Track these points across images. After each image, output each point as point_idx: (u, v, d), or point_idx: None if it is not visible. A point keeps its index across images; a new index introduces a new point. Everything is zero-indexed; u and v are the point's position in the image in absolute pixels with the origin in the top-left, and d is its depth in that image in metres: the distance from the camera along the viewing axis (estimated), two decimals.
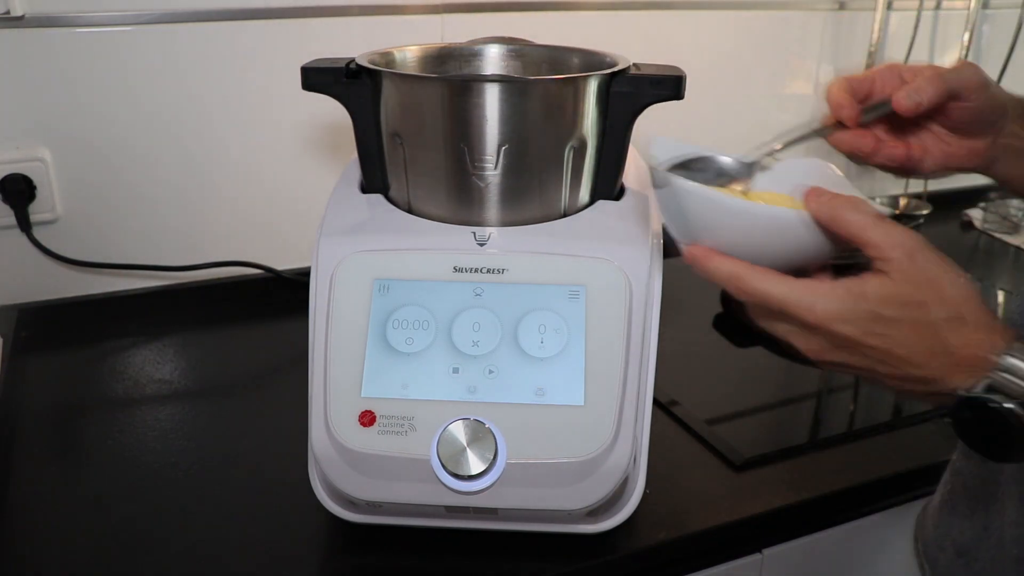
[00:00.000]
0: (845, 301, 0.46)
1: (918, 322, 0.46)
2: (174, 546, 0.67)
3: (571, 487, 0.60)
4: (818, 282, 0.47)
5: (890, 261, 0.45)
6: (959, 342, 0.46)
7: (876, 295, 0.46)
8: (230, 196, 1.06)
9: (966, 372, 0.46)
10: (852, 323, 0.46)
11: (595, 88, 0.64)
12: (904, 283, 0.45)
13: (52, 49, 0.93)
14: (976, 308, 0.46)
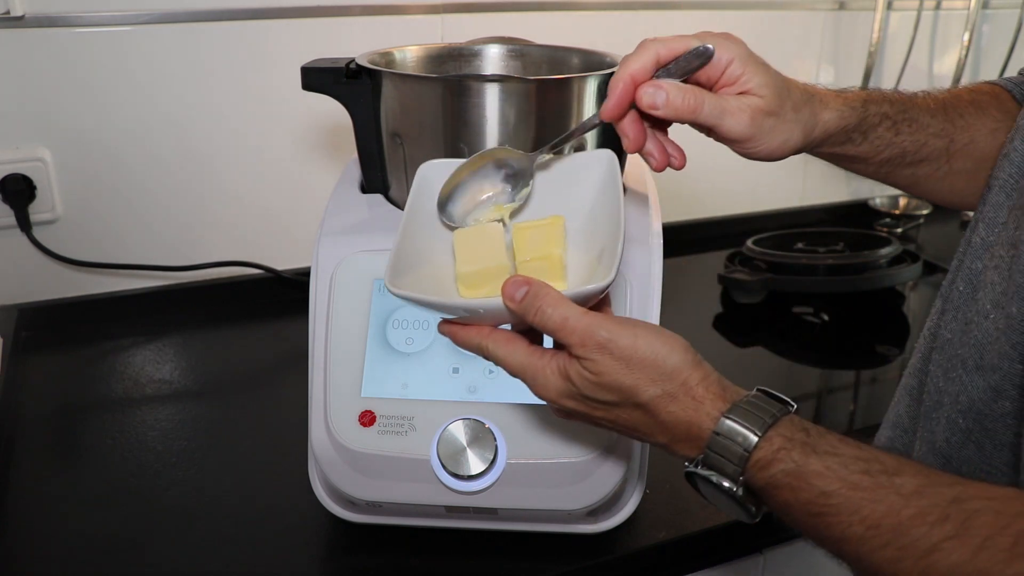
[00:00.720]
0: (559, 382, 0.47)
1: (628, 404, 0.46)
2: (174, 546, 0.67)
3: (571, 487, 0.60)
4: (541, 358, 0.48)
5: (587, 359, 0.46)
6: (671, 419, 0.46)
7: (583, 385, 0.46)
8: (230, 196, 1.06)
9: (686, 446, 0.47)
10: (573, 400, 0.47)
11: (595, 88, 0.64)
12: (606, 373, 0.46)
13: (52, 49, 0.93)
14: (687, 380, 0.46)
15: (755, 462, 0.44)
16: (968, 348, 0.53)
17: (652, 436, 0.48)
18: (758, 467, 0.44)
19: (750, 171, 1.38)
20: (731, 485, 0.45)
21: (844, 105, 0.57)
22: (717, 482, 0.45)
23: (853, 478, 0.42)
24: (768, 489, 0.44)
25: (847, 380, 0.99)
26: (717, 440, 0.45)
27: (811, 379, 1.00)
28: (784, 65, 0.56)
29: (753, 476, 0.44)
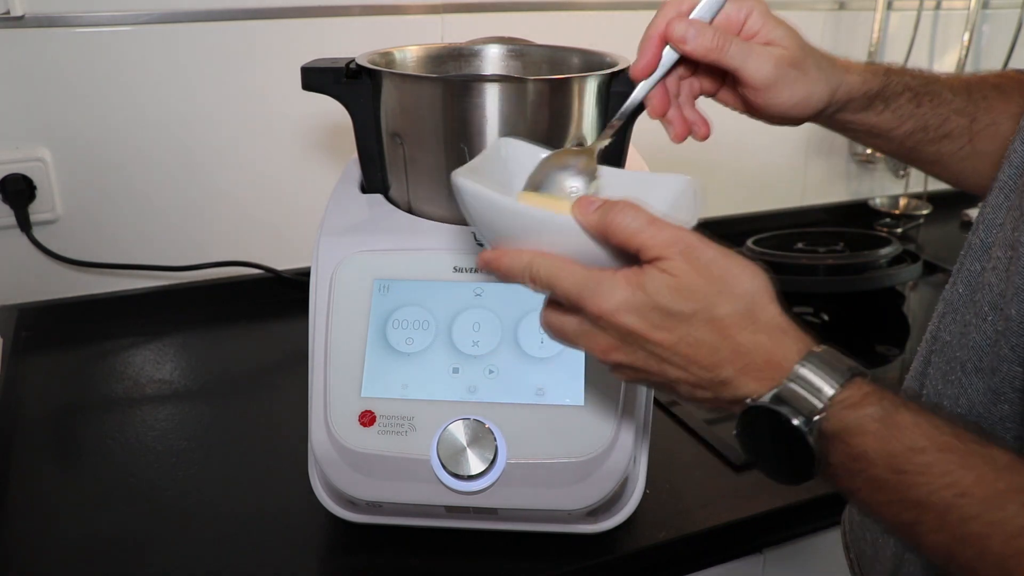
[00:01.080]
0: (626, 290, 0.42)
1: (704, 316, 0.42)
2: (174, 546, 0.67)
3: (571, 487, 0.60)
4: (603, 272, 0.43)
5: (667, 259, 0.42)
6: (749, 342, 0.42)
7: (656, 289, 0.41)
8: (230, 196, 1.06)
9: (756, 377, 0.42)
10: (635, 314, 0.42)
11: (595, 88, 0.64)
12: (686, 276, 0.41)
13: (52, 49, 0.93)
14: (770, 306, 0.42)
15: (842, 399, 0.40)
16: (967, 351, 0.53)
17: (714, 368, 0.42)
18: (844, 406, 0.40)
19: (750, 171, 1.38)
20: (802, 423, 0.40)
21: (866, 71, 0.58)
22: (787, 418, 0.40)
23: (944, 439, 0.38)
24: (846, 434, 0.40)
25: None
26: (802, 372, 0.41)
27: None
28: None
29: (835, 416, 0.40)
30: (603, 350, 0.44)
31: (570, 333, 0.46)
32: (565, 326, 0.46)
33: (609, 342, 0.44)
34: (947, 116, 0.61)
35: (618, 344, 0.44)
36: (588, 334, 0.44)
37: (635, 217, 0.42)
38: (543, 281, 0.44)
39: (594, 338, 0.44)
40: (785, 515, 0.74)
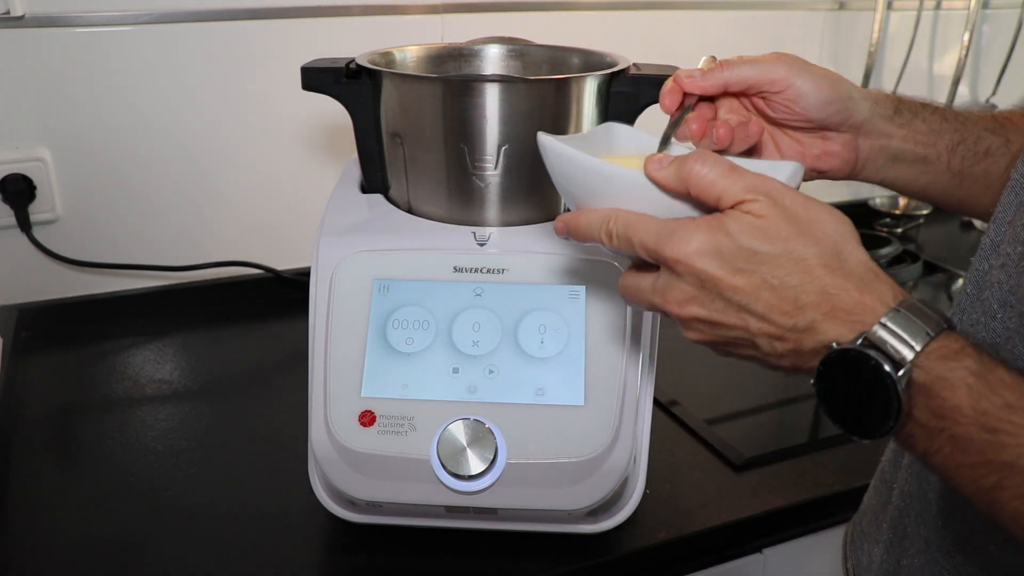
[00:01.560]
0: (706, 233, 0.41)
1: (789, 257, 0.40)
2: (174, 546, 0.67)
3: (571, 487, 0.60)
4: (681, 220, 0.42)
5: (752, 203, 0.40)
6: (837, 285, 0.40)
7: (739, 229, 0.40)
8: (230, 196, 1.06)
9: (844, 321, 0.39)
10: (715, 257, 0.41)
11: (595, 88, 0.64)
12: (772, 218, 0.40)
13: (52, 49, 0.93)
14: (857, 251, 0.41)
15: (935, 350, 0.38)
16: None
17: (797, 312, 0.40)
18: (937, 356, 0.38)
19: None
20: (892, 370, 0.38)
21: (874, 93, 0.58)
22: (878, 364, 0.38)
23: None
24: (937, 387, 0.38)
25: None
26: (893, 317, 0.39)
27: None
28: None
29: (927, 366, 0.38)
30: (679, 302, 0.43)
31: (646, 290, 0.45)
32: (641, 283, 0.45)
33: (686, 292, 0.42)
34: (979, 134, 0.59)
35: (695, 293, 0.42)
36: (664, 287, 0.43)
37: (714, 165, 0.41)
38: (620, 234, 0.43)
39: (670, 291, 0.43)
40: (785, 515, 0.74)
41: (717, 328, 0.43)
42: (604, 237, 0.44)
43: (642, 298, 0.45)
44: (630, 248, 0.44)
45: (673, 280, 0.43)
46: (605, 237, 0.44)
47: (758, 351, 0.43)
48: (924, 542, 0.56)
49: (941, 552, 0.54)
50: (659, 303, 0.44)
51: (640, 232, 0.43)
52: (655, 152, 0.50)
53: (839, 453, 0.81)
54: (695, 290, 0.42)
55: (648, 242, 0.42)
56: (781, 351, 0.42)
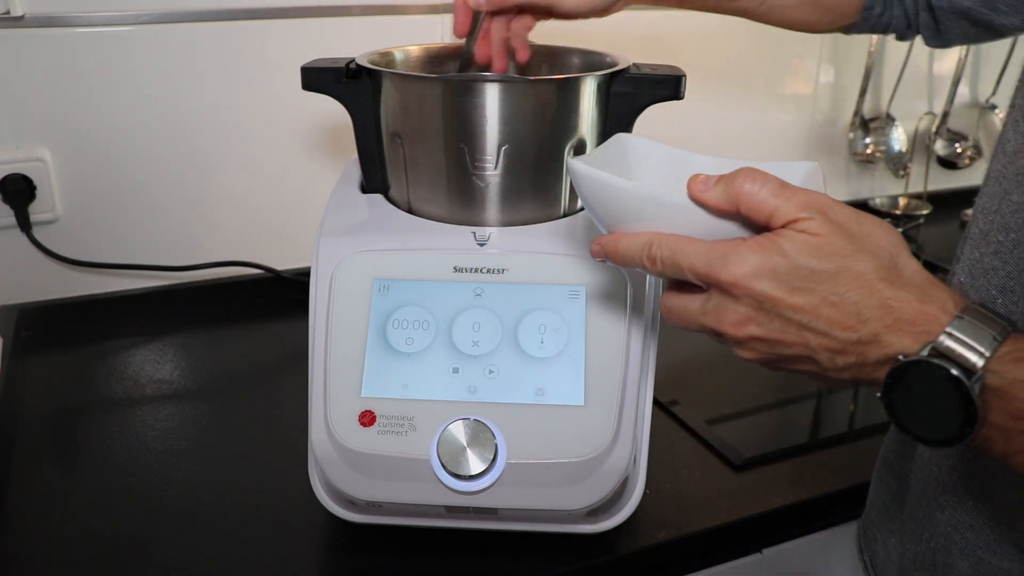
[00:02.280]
0: (760, 255, 0.40)
1: (847, 273, 0.40)
2: (174, 546, 0.67)
3: (571, 487, 0.60)
4: (729, 243, 0.42)
5: (805, 220, 0.40)
6: (897, 297, 0.40)
7: (794, 248, 0.40)
8: (230, 196, 1.06)
9: (908, 332, 0.40)
10: (772, 278, 0.40)
11: (595, 88, 0.64)
12: (828, 235, 0.40)
13: (52, 49, 0.93)
14: (911, 261, 0.41)
15: (1009, 352, 0.38)
16: None
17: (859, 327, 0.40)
18: (1009, 359, 0.38)
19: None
20: (965, 377, 0.38)
21: None
22: (949, 372, 0.38)
23: None
24: (1012, 389, 0.38)
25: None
26: (959, 325, 0.39)
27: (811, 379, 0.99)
28: (784, 65, 0.56)
29: (1000, 370, 0.38)
30: (735, 324, 0.42)
31: (695, 312, 0.44)
32: (689, 304, 0.44)
33: (742, 313, 0.42)
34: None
35: (752, 315, 0.42)
36: (717, 309, 0.43)
37: (764, 183, 0.41)
38: (666, 259, 0.43)
39: (724, 312, 0.42)
40: (785, 515, 0.74)
41: (775, 346, 0.43)
42: (647, 262, 0.44)
43: (691, 320, 0.45)
44: (678, 272, 0.43)
45: (727, 302, 0.42)
46: (648, 262, 0.44)
47: (818, 366, 0.43)
48: (948, 525, 0.56)
49: (972, 531, 0.55)
50: (711, 325, 0.43)
51: (689, 257, 0.42)
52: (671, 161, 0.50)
53: (839, 453, 0.81)
54: (751, 311, 0.42)
55: (699, 266, 0.42)
56: (843, 364, 0.42)
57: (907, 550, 0.61)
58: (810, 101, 1.39)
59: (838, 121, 1.44)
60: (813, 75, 1.37)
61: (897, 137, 1.45)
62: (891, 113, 1.44)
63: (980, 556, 0.54)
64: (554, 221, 0.67)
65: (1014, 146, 0.52)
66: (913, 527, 0.61)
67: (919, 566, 0.60)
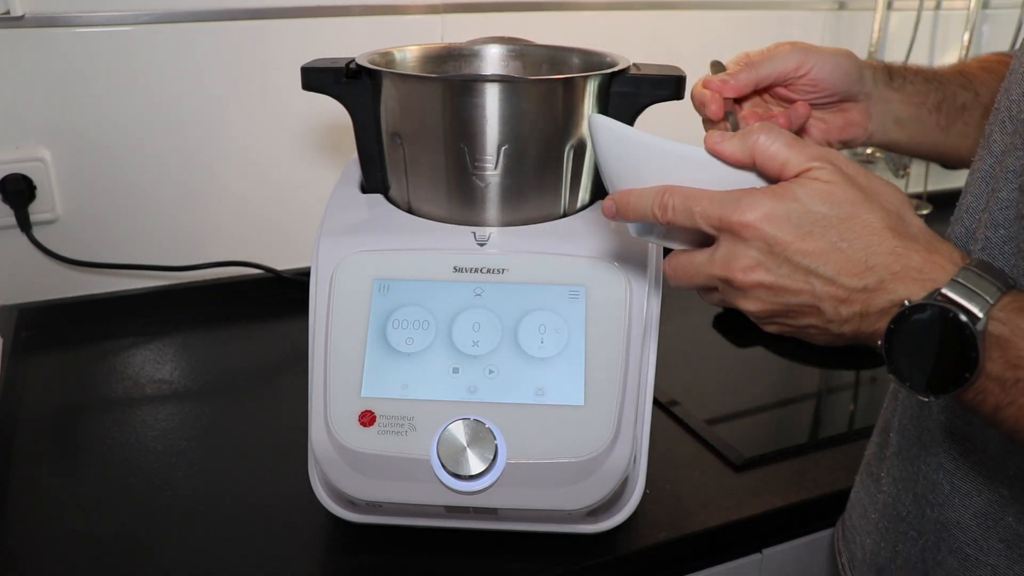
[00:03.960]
0: (773, 199, 0.41)
1: (857, 220, 0.41)
2: (174, 546, 0.67)
3: (571, 487, 0.60)
4: (742, 190, 0.43)
5: (817, 169, 0.42)
6: (905, 246, 0.41)
7: (807, 194, 0.41)
8: (230, 196, 1.06)
9: (915, 280, 0.40)
10: (783, 222, 0.41)
11: (595, 88, 0.64)
12: (839, 184, 0.41)
13: (52, 49, 0.93)
14: (916, 218, 0.43)
15: (1011, 302, 0.39)
16: None
17: (866, 273, 0.41)
18: (1013, 308, 0.39)
19: None
20: (970, 322, 0.39)
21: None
22: (955, 316, 0.39)
23: None
24: (1014, 337, 0.39)
25: (847, 380, 0.99)
26: (964, 274, 0.40)
27: (811, 379, 1.00)
28: None
29: (1003, 318, 0.39)
30: (744, 268, 0.43)
31: (702, 263, 0.45)
32: (695, 257, 0.45)
33: (752, 258, 0.42)
34: (955, 91, 0.64)
35: (761, 259, 0.42)
36: (727, 255, 0.43)
37: (778, 136, 0.42)
38: (678, 206, 0.43)
39: (734, 258, 0.43)
40: (785, 515, 0.74)
41: (781, 294, 0.43)
42: (658, 210, 0.44)
43: (697, 272, 0.45)
44: (689, 219, 0.44)
45: (738, 247, 0.43)
46: (659, 211, 0.44)
47: (821, 317, 0.43)
48: (936, 523, 0.57)
49: (959, 528, 0.56)
50: (719, 272, 0.44)
51: (703, 202, 0.43)
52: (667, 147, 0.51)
53: (839, 453, 0.81)
54: (762, 255, 0.42)
55: (711, 210, 0.43)
56: (846, 315, 0.42)
57: (882, 550, 0.62)
58: None
59: None
60: None
61: None
62: None
63: (967, 552, 0.55)
64: (554, 221, 0.67)
65: (1001, 147, 0.52)
66: (895, 526, 0.61)
67: (904, 565, 0.60)
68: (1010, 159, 0.51)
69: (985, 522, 0.54)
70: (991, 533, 0.54)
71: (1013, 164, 0.51)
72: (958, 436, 0.55)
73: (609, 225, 0.66)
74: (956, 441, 0.55)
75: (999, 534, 0.53)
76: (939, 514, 0.57)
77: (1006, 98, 0.53)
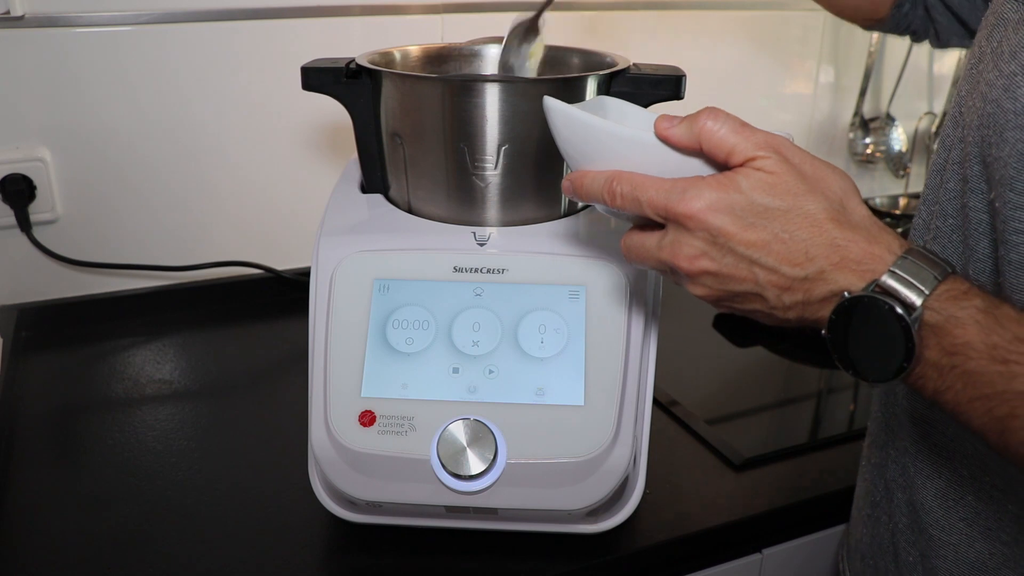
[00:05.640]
0: (718, 190, 0.42)
1: (798, 211, 0.42)
2: (174, 546, 0.67)
3: (571, 487, 0.60)
4: (689, 179, 0.44)
5: (764, 159, 0.42)
6: (845, 237, 0.42)
7: (750, 186, 0.42)
8: (230, 196, 1.06)
9: (853, 271, 0.41)
10: (728, 213, 0.42)
11: (595, 88, 0.64)
12: (782, 174, 0.42)
13: (52, 49, 0.93)
14: (860, 207, 0.43)
15: (947, 291, 0.40)
16: None
17: (807, 263, 0.42)
18: (947, 297, 0.40)
19: None
20: (905, 312, 0.40)
21: None
22: (891, 308, 0.40)
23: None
24: (949, 325, 0.40)
25: (847, 380, 0.99)
26: (902, 264, 0.41)
27: (811, 379, 1.00)
28: (784, 65, 0.56)
29: (938, 307, 0.40)
30: (689, 257, 0.44)
31: (652, 248, 0.46)
32: (646, 241, 0.46)
33: (696, 247, 0.43)
34: None
35: (706, 249, 0.43)
36: (673, 243, 0.44)
37: (725, 121, 0.43)
38: (626, 194, 0.44)
39: (679, 247, 0.44)
40: (784, 515, 0.74)
41: (726, 282, 0.44)
42: (607, 196, 0.45)
43: (648, 255, 0.46)
44: (636, 207, 0.45)
45: (683, 236, 0.44)
46: (608, 196, 0.45)
47: (765, 303, 0.44)
48: (907, 505, 0.59)
49: (924, 511, 0.57)
50: (667, 258, 0.45)
51: (649, 191, 0.44)
52: (644, 123, 0.51)
53: (839, 453, 0.81)
54: (706, 245, 0.43)
55: (657, 200, 0.43)
56: (789, 302, 0.43)
57: (865, 536, 0.63)
58: (810, 101, 1.39)
59: (838, 121, 1.44)
60: (813, 75, 1.37)
61: (897, 137, 1.45)
62: (891, 113, 1.44)
63: (932, 534, 0.56)
64: (554, 221, 0.67)
65: (951, 139, 0.53)
66: (872, 512, 0.62)
67: (878, 550, 0.61)
68: (955, 152, 0.52)
69: (946, 502, 0.55)
70: (952, 513, 0.55)
71: (957, 156, 0.52)
72: (919, 420, 0.56)
73: (609, 224, 0.66)
74: (918, 424, 0.56)
75: (959, 513, 0.54)
76: (908, 496, 0.58)
77: (957, 94, 0.54)
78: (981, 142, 0.48)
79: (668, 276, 0.48)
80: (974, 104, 0.50)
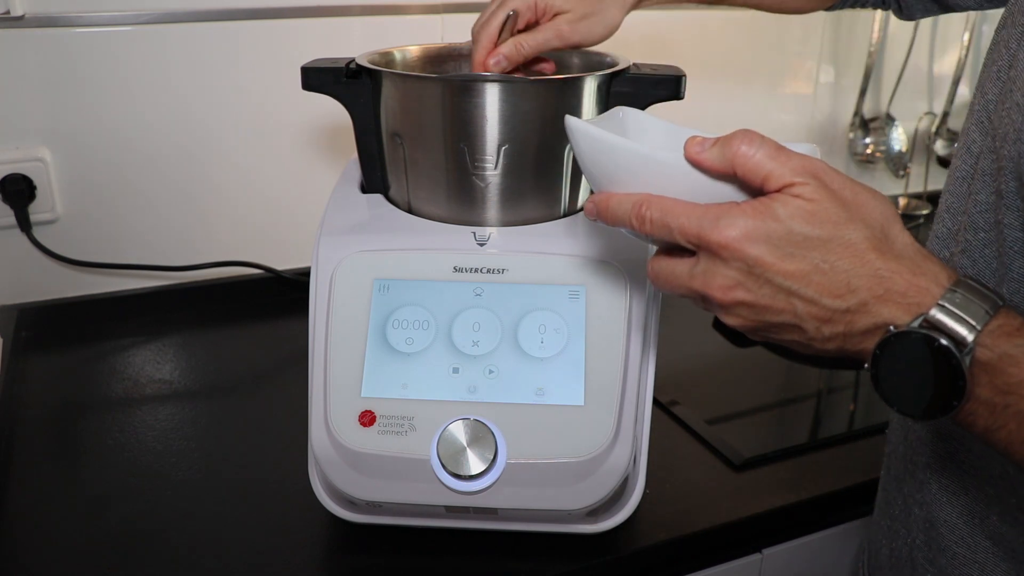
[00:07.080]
0: (753, 219, 0.40)
1: (839, 241, 0.39)
2: (174, 546, 0.67)
3: (571, 487, 0.60)
4: (722, 205, 0.41)
5: (802, 186, 0.40)
6: (888, 268, 0.39)
7: (788, 214, 0.39)
8: (230, 196, 1.06)
9: (898, 304, 0.39)
10: (765, 243, 0.40)
11: (595, 88, 0.64)
12: (822, 201, 0.39)
13: (52, 49, 0.93)
14: (903, 233, 0.41)
15: (999, 326, 0.39)
16: None
17: (848, 295, 0.40)
18: (1000, 333, 0.39)
19: None
20: (956, 350, 0.38)
21: None
22: (941, 345, 0.38)
23: None
24: (1002, 363, 0.38)
25: (847, 380, 0.99)
26: (951, 298, 0.39)
27: (811, 379, 1.00)
28: (784, 65, 0.56)
29: (991, 344, 0.39)
30: (723, 288, 0.42)
31: (682, 275, 0.43)
32: (676, 268, 0.44)
33: (731, 278, 0.41)
34: None
35: (741, 279, 0.41)
36: (706, 273, 0.42)
37: (760, 145, 0.40)
38: (655, 220, 0.42)
39: (713, 276, 0.42)
40: (785, 515, 0.74)
41: (762, 313, 0.42)
42: (635, 222, 0.43)
43: (678, 284, 0.44)
44: (667, 234, 0.43)
45: (716, 265, 0.42)
46: (636, 221, 0.43)
47: (804, 335, 0.42)
48: (925, 521, 0.58)
49: (947, 527, 0.56)
50: (699, 288, 0.43)
51: (680, 217, 0.41)
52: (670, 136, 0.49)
53: (839, 453, 0.81)
54: (741, 276, 0.41)
55: (689, 227, 0.41)
56: (829, 334, 0.41)
57: (883, 546, 0.62)
58: (810, 101, 1.39)
59: (838, 121, 1.44)
60: (813, 75, 1.37)
61: (897, 137, 1.46)
62: (891, 113, 1.44)
63: (956, 551, 0.55)
64: (554, 221, 0.67)
65: (979, 147, 0.52)
66: (889, 524, 0.61)
67: (896, 563, 0.60)
68: (985, 161, 0.51)
69: (972, 520, 0.54)
70: (978, 531, 0.54)
71: (988, 167, 0.50)
72: (944, 436, 0.55)
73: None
74: (942, 441, 0.55)
75: (985, 531, 0.53)
76: (927, 513, 0.57)
77: (981, 96, 0.52)
78: (1018, 157, 0.46)
79: (699, 304, 0.46)
80: (1009, 115, 0.47)
